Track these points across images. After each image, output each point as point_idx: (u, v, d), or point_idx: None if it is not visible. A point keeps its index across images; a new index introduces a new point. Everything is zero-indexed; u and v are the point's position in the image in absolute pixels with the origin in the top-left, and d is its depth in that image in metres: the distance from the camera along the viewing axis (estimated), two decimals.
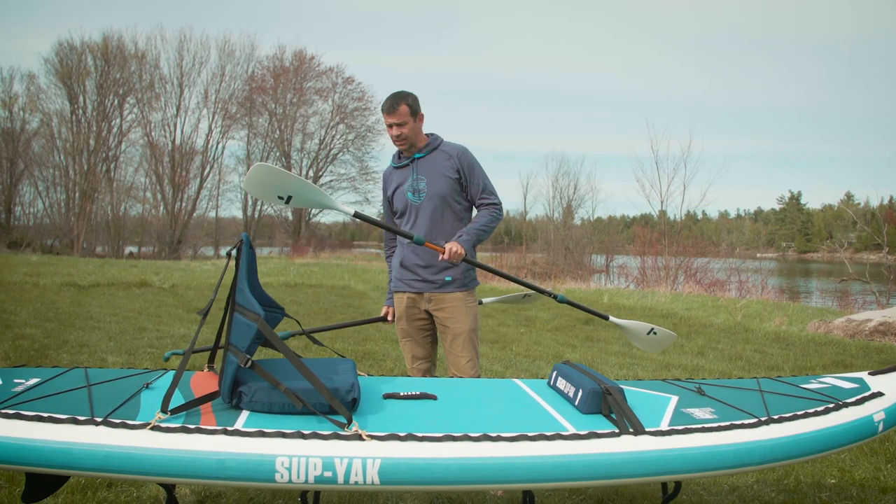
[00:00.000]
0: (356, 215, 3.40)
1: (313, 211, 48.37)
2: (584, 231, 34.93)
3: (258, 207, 46.68)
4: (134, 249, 41.82)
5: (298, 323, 3.21)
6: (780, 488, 3.74)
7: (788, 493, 3.68)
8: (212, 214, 46.52)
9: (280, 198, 3.16)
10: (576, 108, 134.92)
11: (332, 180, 48.51)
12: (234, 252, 2.60)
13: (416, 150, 3.63)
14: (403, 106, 3.52)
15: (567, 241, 32.46)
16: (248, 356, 2.37)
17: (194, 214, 43.26)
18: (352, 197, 48.92)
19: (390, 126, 3.55)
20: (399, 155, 3.71)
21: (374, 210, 53.93)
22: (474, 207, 3.79)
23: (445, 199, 3.59)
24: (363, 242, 72.93)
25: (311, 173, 47.80)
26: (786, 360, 7.62)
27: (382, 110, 3.57)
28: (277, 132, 45.97)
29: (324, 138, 47.21)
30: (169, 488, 2.67)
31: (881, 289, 16.59)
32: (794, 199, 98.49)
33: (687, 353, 7.98)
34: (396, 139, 3.58)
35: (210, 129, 43.55)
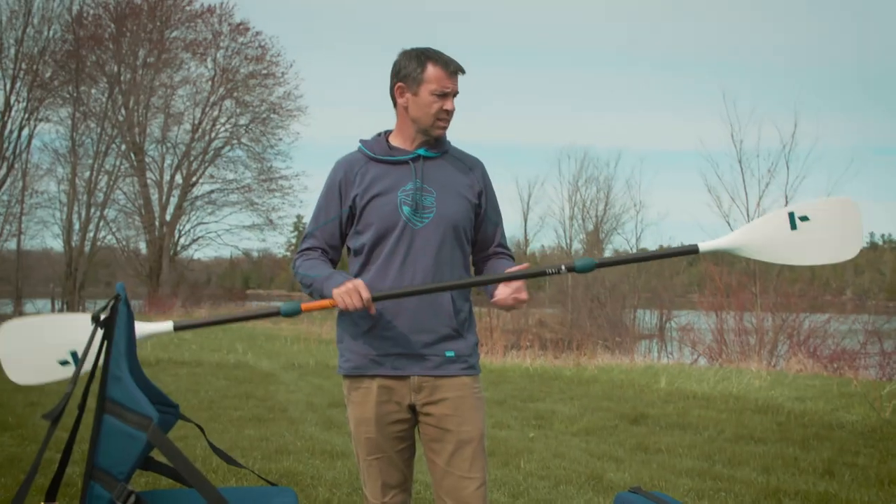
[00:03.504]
0: (178, 328, 2.64)
1: (182, 240, 33.21)
2: (623, 271, 24.78)
3: (89, 233, 30.57)
4: None
5: (201, 429, 2.48)
6: None
7: None
8: (10, 245, 30.31)
9: (65, 363, 2.53)
10: (605, 73, 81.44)
11: (213, 191, 32.37)
12: (103, 315, 2.13)
13: (427, 143, 2.80)
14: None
15: (595, 289, 23.26)
16: (127, 486, 1.99)
17: None
18: (247, 218, 32.93)
19: (444, 95, 2.71)
20: (388, 142, 2.81)
21: (283, 240, 39.02)
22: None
23: (458, 229, 2.78)
24: (263, 291, 51.31)
25: (177, 179, 31.76)
26: None
27: (439, 65, 2.71)
28: (123, 112, 30.30)
29: (200, 122, 31.42)
30: None
31: None
32: None
33: (805, 472, 5.63)
34: (446, 117, 2.75)
35: (7, 105, 27.75)
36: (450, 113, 2.79)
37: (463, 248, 2.86)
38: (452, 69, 2.78)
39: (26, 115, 28.59)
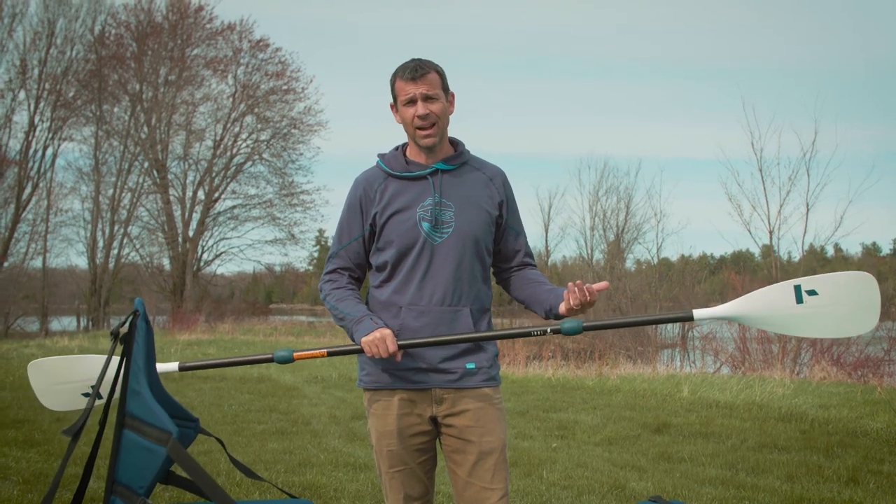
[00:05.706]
0: (183, 368, 2.79)
1: (205, 255, 32.85)
2: (645, 281, 24.57)
3: (113, 251, 30.55)
4: None
5: (221, 443, 2.53)
6: None
7: None
8: (36, 263, 30.49)
9: (87, 395, 2.51)
10: (624, 82, 78.19)
11: (235, 206, 32.22)
12: (122, 330, 2.10)
13: (440, 155, 2.70)
14: (433, 73, 2.62)
15: (617, 299, 22.69)
16: (148, 501, 1.96)
17: (4, 264, 28.46)
18: (269, 232, 32.48)
19: (411, 102, 2.60)
20: (405, 156, 2.72)
21: (305, 254, 38.70)
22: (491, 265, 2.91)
23: (479, 243, 2.70)
24: (286, 306, 52.55)
25: (200, 195, 31.57)
26: None
27: (398, 77, 2.63)
28: (145, 129, 30.28)
29: (221, 138, 31.09)
30: None
31: None
32: None
33: (829, 480, 5.42)
34: (422, 122, 2.60)
35: (31, 125, 28.07)
36: (424, 118, 2.64)
37: (483, 261, 2.78)
38: (409, 75, 2.65)
39: (50, 135, 28.79)
